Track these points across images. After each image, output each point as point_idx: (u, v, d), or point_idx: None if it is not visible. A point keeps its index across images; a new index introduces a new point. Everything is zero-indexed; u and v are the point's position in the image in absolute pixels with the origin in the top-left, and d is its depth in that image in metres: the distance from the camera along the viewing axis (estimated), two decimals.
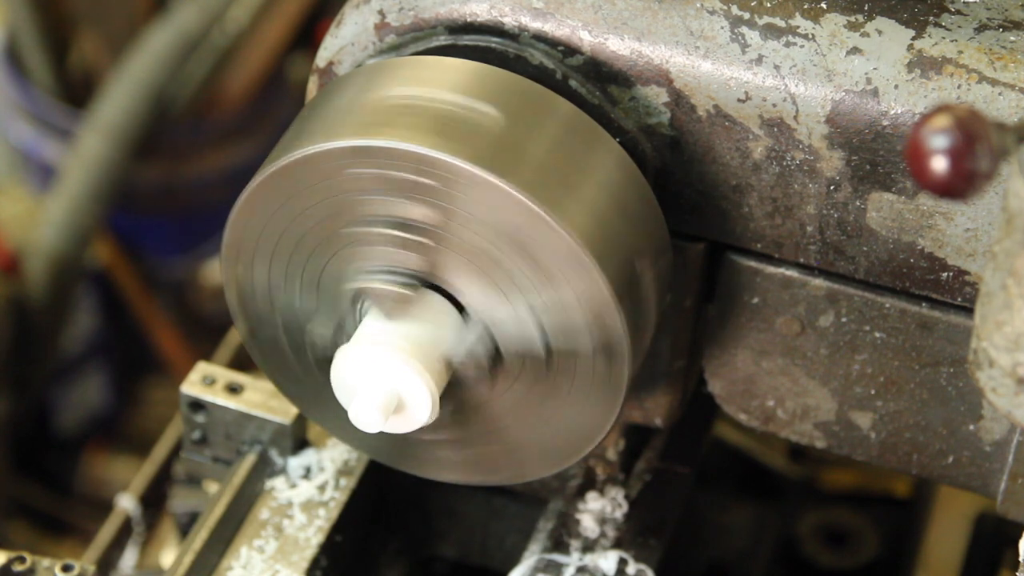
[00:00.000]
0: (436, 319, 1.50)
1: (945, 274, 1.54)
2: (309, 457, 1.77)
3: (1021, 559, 1.55)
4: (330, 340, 1.56)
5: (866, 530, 2.20)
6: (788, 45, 1.51)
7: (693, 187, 1.57)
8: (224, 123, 3.66)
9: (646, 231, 1.52)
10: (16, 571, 1.65)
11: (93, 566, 1.71)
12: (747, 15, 1.52)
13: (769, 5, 1.52)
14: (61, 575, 1.65)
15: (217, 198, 3.62)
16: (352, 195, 1.47)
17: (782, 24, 1.51)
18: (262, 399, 1.76)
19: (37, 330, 3.32)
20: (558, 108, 1.50)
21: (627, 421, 1.74)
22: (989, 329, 1.32)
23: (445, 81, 1.49)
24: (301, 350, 1.60)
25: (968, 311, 1.55)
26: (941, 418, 1.63)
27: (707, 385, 1.70)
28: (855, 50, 1.50)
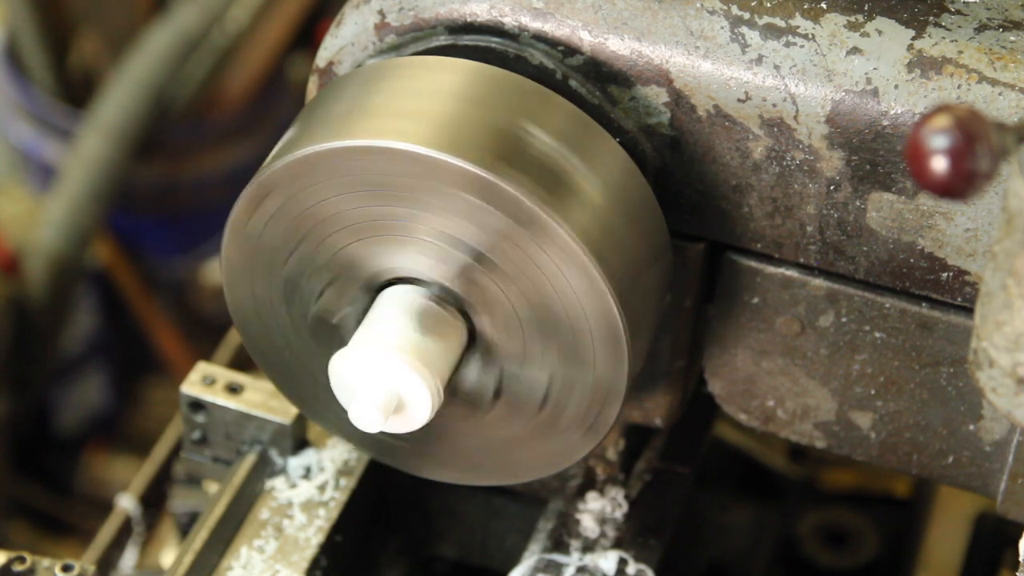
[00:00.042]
0: (450, 340, 1.51)
1: (945, 274, 1.54)
2: (309, 457, 1.76)
3: (1021, 559, 1.55)
4: (333, 311, 1.56)
5: (866, 530, 2.20)
6: (788, 45, 1.51)
7: (693, 187, 1.57)
8: (224, 123, 3.66)
9: (646, 231, 1.52)
10: (16, 571, 1.65)
11: (93, 566, 1.71)
12: (747, 15, 1.52)
13: (769, 5, 1.52)
14: (61, 575, 1.65)
15: (217, 198, 3.62)
16: (350, 195, 1.48)
17: (782, 24, 1.51)
18: (262, 399, 1.76)
19: (37, 330, 3.31)
20: (558, 108, 1.50)
21: (627, 421, 1.74)
22: (989, 329, 1.32)
23: (445, 81, 1.49)
24: (301, 350, 1.60)
25: (968, 311, 1.55)
26: (941, 418, 1.63)
27: (707, 385, 1.70)
28: (855, 50, 1.50)
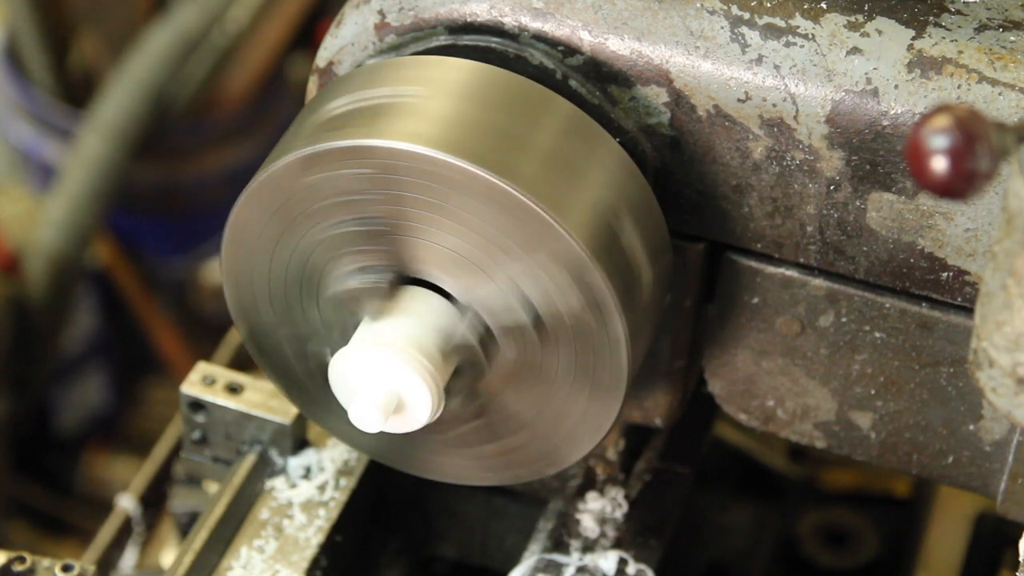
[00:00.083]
0: (423, 311, 1.50)
1: (945, 274, 1.54)
2: (309, 457, 1.76)
3: (1021, 559, 1.55)
4: (329, 351, 1.56)
5: (866, 530, 2.20)
6: (788, 45, 1.51)
7: (693, 187, 1.57)
8: (224, 123, 3.66)
9: (646, 231, 1.52)
10: (16, 571, 1.65)
11: (93, 566, 1.71)
12: (747, 15, 1.52)
13: (769, 5, 1.52)
14: (61, 575, 1.65)
15: (217, 198, 3.62)
16: (350, 196, 1.48)
17: (782, 24, 1.51)
18: (262, 399, 1.76)
19: (37, 330, 3.31)
20: (558, 108, 1.50)
21: (627, 421, 1.74)
22: (989, 329, 1.32)
23: (445, 81, 1.49)
24: (302, 350, 1.60)
25: (968, 311, 1.55)
26: (941, 418, 1.63)
27: (707, 385, 1.70)
28: (855, 50, 1.50)
